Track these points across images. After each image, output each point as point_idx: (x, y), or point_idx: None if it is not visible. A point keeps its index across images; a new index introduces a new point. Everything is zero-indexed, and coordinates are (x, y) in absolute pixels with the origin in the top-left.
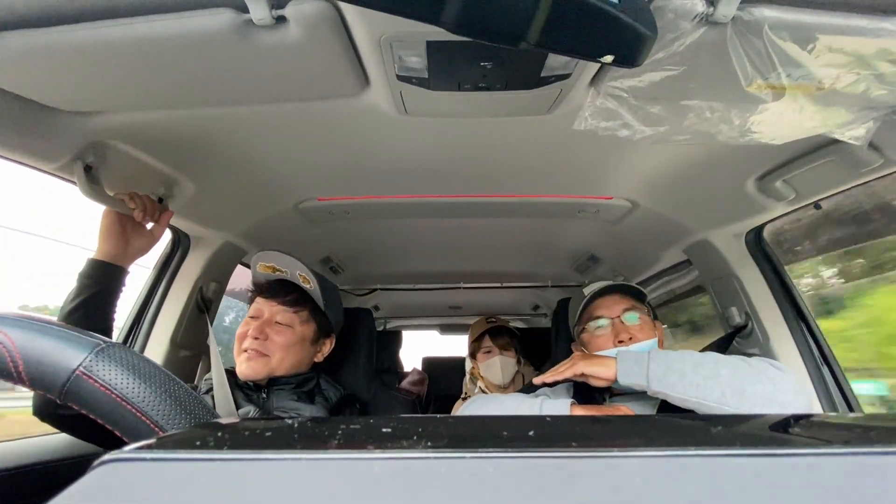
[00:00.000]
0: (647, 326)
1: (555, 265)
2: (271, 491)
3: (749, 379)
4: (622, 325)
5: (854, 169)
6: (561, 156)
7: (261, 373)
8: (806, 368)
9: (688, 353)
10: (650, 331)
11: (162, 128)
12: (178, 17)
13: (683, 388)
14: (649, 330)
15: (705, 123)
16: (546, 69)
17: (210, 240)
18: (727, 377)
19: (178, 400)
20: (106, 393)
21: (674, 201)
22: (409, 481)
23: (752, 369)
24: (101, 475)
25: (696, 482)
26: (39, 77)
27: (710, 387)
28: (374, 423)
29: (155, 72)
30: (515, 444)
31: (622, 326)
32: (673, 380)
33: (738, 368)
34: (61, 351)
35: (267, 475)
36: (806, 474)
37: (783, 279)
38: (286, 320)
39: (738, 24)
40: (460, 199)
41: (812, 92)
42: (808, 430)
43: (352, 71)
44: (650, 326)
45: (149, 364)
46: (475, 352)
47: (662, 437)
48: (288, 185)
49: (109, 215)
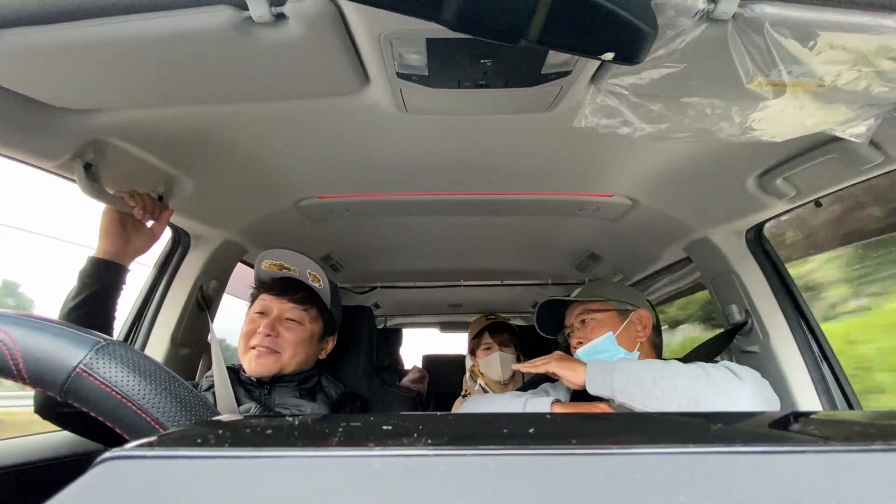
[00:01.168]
0: (602, 324)
1: (555, 263)
2: (272, 488)
3: (704, 391)
4: (577, 331)
5: (855, 166)
6: (561, 153)
7: (272, 369)
8: (805, 366)
9: (651, 364)
10: (604, 327)
11: (162, 125)
12: (177, 14)
13: (644, 400)
14: (603, 327)
15: (706, 121)
16: (546, 66)
17: (210, 238)
18: (683, 389)
19: (178, 397)
20: (106, 390)
21: (674, 199)
22: (409, 478)
23: (708, 380)
24: (102, 473)
25: (696, 479)
26: (39, 75)
27: (667, 398)
28: (375, 420)
29: (155, 69)
30: (515, 441)
31: (576, 333)
32: (634, 391)
33: (696, 380)
34: (61, 349)
35: (268, 472)
36: (805, 471)
37: (783, 277)
38: (296, 317)
39: (739, 21)
40: (461, 197)
41: (813, 89)
42: (808, 427)
43: (351, 68)
44: (608, 322)
45: (149, 361)
46: (475, 349)
47: (663, 434)
48: (288, 183)
49: (109, 213)
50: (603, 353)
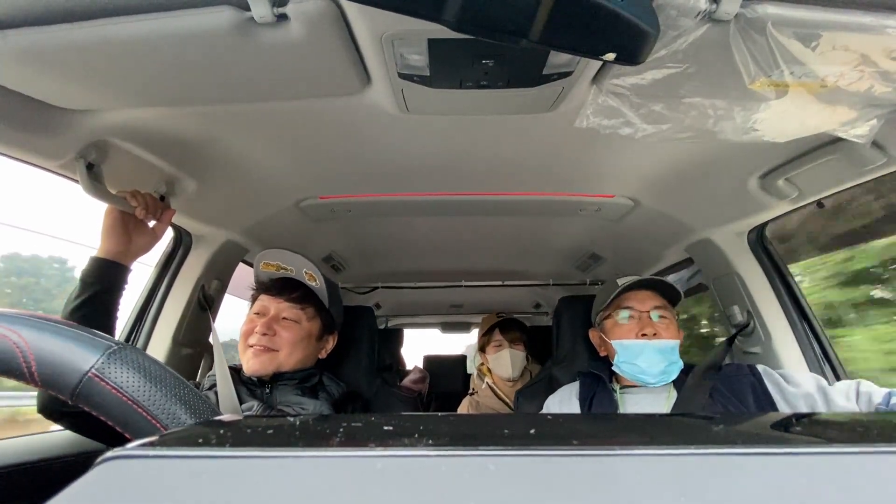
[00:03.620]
0: (673, 327)
1: (556, 263)
2: (274, 488)
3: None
4: (649, 320)
5: (857, 167)
6: (562, 154)
7: (269, 367)
8: (807, 367)
9: None
10: (675, 332)
11: (164, 126)
12: (180, 14)
13: None
14: (674, 331)
15: (708, 121)
16: (548, 67)
17: (212, 238)
18: None
19: (186, 402)
20: (117, 395)
21: (675, 200)
22: (410, 479)
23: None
24: (104, 472)
25: (696, 480)
26: (42, 75)
27: None
28: (376, 420)
29: (157, 70)
30: (516, 441)
31: (648, 321)
32: None
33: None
34: (74, 352)
35: (269, 472)
36: (807, 472)
37: (785, 278)
38: (293, 316)
39: (741, 22)
40: (462, 198)
41: (815, 90)
42: (810, 428)
43: (353, 69)
44: (675, 328)
45: (158, 366)
46: (485, 345)
47: (663, 436)
48: (289, 184)
49: (111, 213)
50: (673, 355)
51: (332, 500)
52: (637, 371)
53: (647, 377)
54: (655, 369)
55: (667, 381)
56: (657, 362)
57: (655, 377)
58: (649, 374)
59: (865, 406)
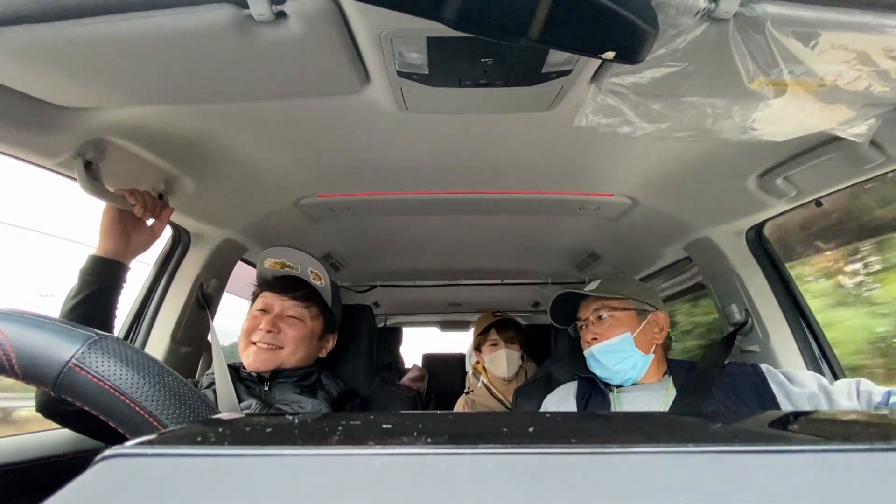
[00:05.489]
0: (620, 323)
1: (555, 262)
2: (273, 486)
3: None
4: (592, 325)
5: (855, 166)
6: (561, 152)
7: (271, 364)
8: (805, 365)
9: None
10: (624, 324)
11: (162, 124)
12: (177, 12)
13: None
14: (621, 326)
15: (706, 120)
16: (547, 65)
17: (210, 236)
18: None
19: (172, 390)
20: (99, 384)
21: (674, 198)
22: (409, 477)
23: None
24: (102, 470)
25: (696, 479)
26: (40, 73)
27: None
28: (375, 419)
29: (155, 68)
30: (515, 440)
31: (591, 327)
32: None
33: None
34: (54, 343)
35: (268, 471)
36: (806, 471)
37: (783, 276)
38: (298, 314)
39: (740, 21)
40: (461, 196)
41: (814, 89)
42: (809, 426)
43: (352, 67)
44: (626, 321)
45: (142, 356)
46: (480, 345)
47: (662, 434)
48: (288, 182)
49: (110, 212)
50: (619, 352)
51: (330, 498)
52: (604, 375)
53: (614, 379)
54: (612, 370)
55: (635, 378)
56: (609, 363)
57: (618, 376)
58: (612, 375)
59: (865, 405)
